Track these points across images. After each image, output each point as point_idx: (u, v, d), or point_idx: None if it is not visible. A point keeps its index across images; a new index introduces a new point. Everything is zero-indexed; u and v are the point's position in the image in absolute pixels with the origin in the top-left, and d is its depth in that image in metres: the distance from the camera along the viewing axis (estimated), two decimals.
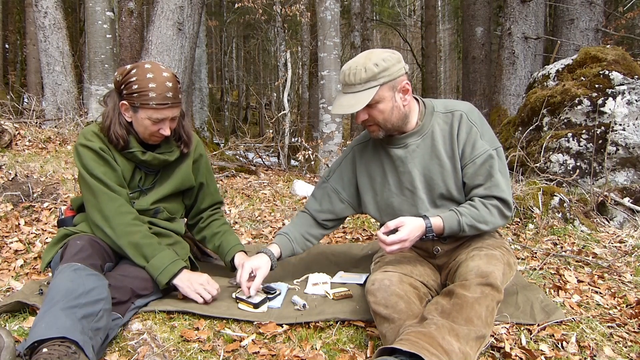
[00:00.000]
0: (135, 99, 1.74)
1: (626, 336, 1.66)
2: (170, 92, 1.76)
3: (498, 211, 1.69)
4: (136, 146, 1.84)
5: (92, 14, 5.60)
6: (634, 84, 3.55)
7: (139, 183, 1.90)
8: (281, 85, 7.91)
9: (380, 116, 1.69)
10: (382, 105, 1.67)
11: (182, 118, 1.92)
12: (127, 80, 1.75)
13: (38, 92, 7.78)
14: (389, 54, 1.67)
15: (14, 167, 3.51)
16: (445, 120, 1.76)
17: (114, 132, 1.78)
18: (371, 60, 1.63)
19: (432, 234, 1.65)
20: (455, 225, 1.66)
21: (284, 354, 1.50)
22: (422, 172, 1.77)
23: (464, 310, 1.41)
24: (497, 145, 1.74)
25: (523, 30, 6.51)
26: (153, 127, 1.78)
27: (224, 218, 2.18)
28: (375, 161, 1.87)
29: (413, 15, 19.76)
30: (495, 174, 1.69)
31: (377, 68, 1.62)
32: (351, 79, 1.64)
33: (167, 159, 1.90)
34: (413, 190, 1.78)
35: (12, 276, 2.20)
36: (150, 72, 1.74)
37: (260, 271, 1.80)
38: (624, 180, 3.44)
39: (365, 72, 1.62)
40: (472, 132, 1.72)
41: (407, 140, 1.77)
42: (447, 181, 1.74)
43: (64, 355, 1.26)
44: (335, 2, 6.30)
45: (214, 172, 4.63)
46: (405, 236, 1.60)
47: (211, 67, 18.80)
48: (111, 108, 1.81)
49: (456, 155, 1.72)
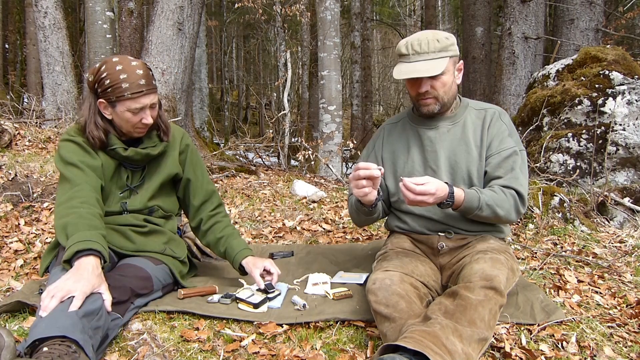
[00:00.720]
0: (110, 94, 1.74)
1: (626, 336, 1.66)
2: (143, 80, 1.75)
3: (514, 201, 1.72)
4: (117, 143, 1.83)
5: (92, 14, 5.60)
6: (634, 84, 3.55)
7: (127, 182, 1.90)
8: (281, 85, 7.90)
9: (442, 89, 1.77)
10: (446, 77, 1.76)
11: (159, 108, 1.90)
12: (99, 78, 1.75)
13: (38, 92, 7.78)
14: (450, 34, 1.78)
15: (14, 167, 3.51)
16: (478, 115, 1.86)
17: (90, 133, 1.79)
18: (439, 34, 1.74)
19: (452, 200, 1.64)
20: (475, 201, 1.67)
21: (284, 354, 1.50)
22: (447, 155, 1.83)
23: (468, 312, 1.41)
24: (522, 148, 1.83)
25: (523, 30, 6.51)
26: (134, 118, 1.78)
27: (226, 219, 2.12)
28: (402, 139, 1.93)
29: (413, 15, 19.75)
30: (517, 169, 1.76)
31: (447, 41, 1.73)
32: (424, 47, 1.71)
33: (149, 152, 1.89)
34: (436, 170, 1.82)
35: (12, 276, 2.20)
36: (119, 64, 1.74)
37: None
38: (624, 180, 3.44)
39: (438, 42, 1.71)
40: (502, 129, 1.82)
41: (440, 123, 1.86)
42: (470, 167, 1.79)
43: (64, 354, 1.26)
44: (335, 2, 6.30)
45: (215, 172, 4.63)
46: (433, 189, 1.57)
47: (211, 67, 18.80)
48: (86, 108, 1.82)
49: (484, 145, 1.80)
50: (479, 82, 9.06)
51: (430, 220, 1.85)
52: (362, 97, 12.85)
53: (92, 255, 1.52)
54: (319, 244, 2.80)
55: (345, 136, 8.91)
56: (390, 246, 1.91)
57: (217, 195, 2.14)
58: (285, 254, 2.46)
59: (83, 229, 1.58)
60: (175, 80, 4.69)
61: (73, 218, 1.62)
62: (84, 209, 1.66)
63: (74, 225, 1.60)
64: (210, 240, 2.07)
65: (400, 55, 1.77)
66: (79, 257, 1.51)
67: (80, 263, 1.49)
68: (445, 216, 1.82)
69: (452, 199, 1.64)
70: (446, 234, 1.84)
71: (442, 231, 1.84)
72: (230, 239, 2.03)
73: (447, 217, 1.82)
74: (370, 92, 14.05)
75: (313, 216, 3.37)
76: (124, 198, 1.89)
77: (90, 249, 1.52)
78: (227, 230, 2.06)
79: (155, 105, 1.84)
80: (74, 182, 1.73)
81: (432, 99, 1.79)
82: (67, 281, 1.44)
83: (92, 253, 1.52)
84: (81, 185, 1.73)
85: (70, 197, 1.69)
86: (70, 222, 1.61)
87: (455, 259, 1.79)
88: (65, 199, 1.69)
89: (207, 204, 2.09)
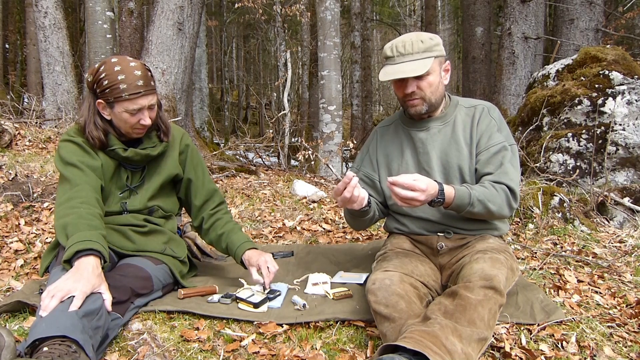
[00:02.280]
0: (108, 95, 1.74)
1: (626, 336, 1.66)
2: (141, 80, 1.75)
3: (505, 196, 1.71)
4: (117, 144, 1.83)
5: (92, 14, 5.60)
6: (634, 84, 3.55)
7: (126, 182, 1.90)
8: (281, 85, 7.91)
9: (428, 89, 1.77)
10: (431, 77, 1.76)
11: (159, 108, 1.91)
12: (98, 79, 1.75)
13: (38, 92, 7.78)
14: (434, 34, 1.78)
15: (14, 167, 3.51)
16: (467, 113, 1.87)
17: (90, 133, 1.79)
18: (423, 35, 1.75)
19: (442, 197, 1.63)
20: (466, 197, 1.66)
21: (284, 354, 1.50)
22: (439, 156, 1.83)
23: (467, 312, 1.41)
24: (512, 142, 1.83)
25: (523, 30, 6.51)
26: (132, 119, 1.78)
27: (227, 216, 2.11)
28: (395, 142, 1.94)
29: (413, 15, 19.75)
30: (506, 164, 1.75)
31: (432, 41, 1.74)
32: (408, 48, 1.72)
33: (149, 153, 1.89)
34: (429, 171, 1.83)
35: (12, 276, 2.20)
36: (117, 65, 1.74)
37: None
38: (624, 180, 3.44)
39: (422, 42, 1.72)
40: (490, 125, 1.82)
41: (430, 124, 1.86)
42: (462, 165, 1.80)
43: (64, 354, 1.26)
44: (335, 2, 6.31)
45: (215, 172, 4.63)
46: (424, 186, 1.55)
47: (211, 67, 18.80)
48: (85, 109, 1.82)
49: (474, 142, 1.81)
50: (479, 82, 9.06)
51: (429, 222, 1.85)
52: (362, 97, 12.86)
53: (92, 255, 1.52)
54: (319, 244, 2.80)
55: (345, 136, 8.92)
56: (390, 246, 1.91)
57: (218, 193, 2.14)
58: (285, 254, 2.45)
59: (83, 229, 1.58)
60: (175, 80, 4.70)
61: (73, 218, 1.62)
62: (83, 209, 1.66)
63: (74, 225, 1.60)
64: (213, 238, 2.07)
65: (386, 58, 1.78)
66: (79, 257, 1.51)
67: (80, 263, 1.49)
68: (442, 217, 1.82)
69: (443, 196, 1.63)
70: (445, 234, 1.84)
71: (441, 231, 1.84)
72: (231, 235, 2.02)
73: (444, 218, 1.82)
74: (370, 92, 14.06)
75: (313, 216, 3.37)
76: (123, 198, 1.89)
77: (90, 249, 1.52)
78: (228, 226, 2.06)
79: (154, 106, 1.84)
80: (74, 183, 1.73)
81: (419, 100, 1.79)
82: (67, 281, 1.43)
83: (92, 253, 1.52)
84: (81, 185, 1.73)
85: (70, 197, 1.69)
86: (70, 222, 1.61)
87: (454, 258, 1.79)
88: (65, 199, 1.69)
89: (208, 203, 2.09)
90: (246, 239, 2.03)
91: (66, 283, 1.43)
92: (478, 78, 9.05)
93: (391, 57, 1.76)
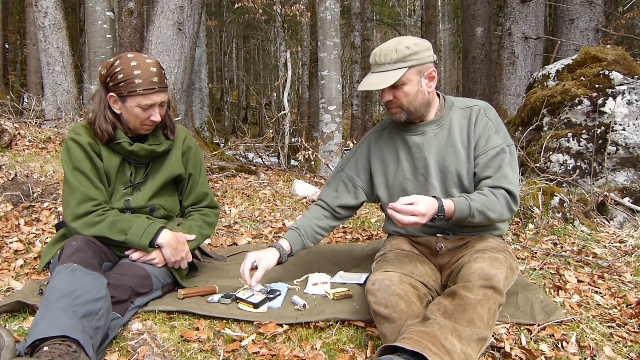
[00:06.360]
0: (122, 89, 1.75)
1: (626, 336, 1.66)
2: (156, 77, 1.77)
3: (505, 201, 1.70)
4: (123, 137, 1.84)
5: (92, 14, 5.60)
6: (634, 84, 3.55)
7: (130, 178, 1.91)
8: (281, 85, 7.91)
9: (405, 98, 1.74)
10: (407, 87, 1.72)
11: (168, 107, 1.92)
12: (112, 72, 1.76)
13: (38, 92, 7.78)
14: (420, 40, 1.74)
15: (14, 167, 3.51)
16: (463, 114, 1.83)
17: (99, 126, 1.80)
18: (402, 43, 1.70)
19: (443, 214, 1.63)
20: (466, 209, 1.65)
21: (284, 354, 1.50)
22: (436, 160, 1.81)
23: (467, 312, 1.41)
24: (510, 142, 1.80)
25: (523, 30, 6.51)
26: (143, 114, 1.80)
27: (197, 214, 2.08)
28: (390, 147, 1.91)
29: (413, 15, 19.75)
30: (505, 167, 1.73)
31: (407, 50, 1.68)
32: (381, 58, 1.70)
33: (154, 149, 1.90)
34: (426, 176, 1.81)
35: (12, 276, 2.20)
36: (134, 60, 1.76)
37: (262, 262, 1.79)
38: (624, 180, 3.44)
39: (396, 52, 1.69)
40: (488, 126, 1.78)
41: (425, 128, 1.83)
42: (460, 170, 1.78)
43: (64, 353, 1.26)
44: (335, 2, 6.31)
45: (215, 172, 4.63)
46: (424, 210, 1.56)
47: (211, 67, 18.79)
48: (97, 102, 1.83)
49: (471, 145, 1.78)
50: (479, 82, 9.06)
51: (427, 225, 1.84)
52: (362, 97, 12.86)
53: (164, 228, 1.83)
54: (319, 244, 2.79)
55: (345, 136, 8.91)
56: (390, 247, 1.91)
57: (209, 197, 2.13)
58: None
59: (134, 221, 1.79)
60: (175, 80, 4.69)
61: (114, 217, 1.78)
62: (112, 211, 1.81)
63: (124, 221, 1.78)
64: None
65: (370, 65, 1.79)
66: (157, 234, 1.79)
67: (164, 237, 1.81)
68: None
69: (443, 212, 1.63)
70: (444, 235, 1.83)
71: (440, 233, 1.84)
72: (180, 228, 2.00)
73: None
74: (370, 92, 14.04)
75: None
76: (127, 194, 1.90)
77: (162, 227, 1.81)
78: (189, 222, 2.04)
79: (165, 104, 1.87)
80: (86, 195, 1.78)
81: (397, 108, 1.78)
82: (180, 246, 1.86)
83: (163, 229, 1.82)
84: (95, 199, 1.79)
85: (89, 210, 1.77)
86: (117, 220, 1.77)
87: (454, 258, 1.79)
88: (84, 212, 1.76)
89: (195, 205, 2.12)
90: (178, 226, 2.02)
91: (180, 252, 1.85)
92: (478, 78, 9.06)
93: (372, 64, 1.76)
